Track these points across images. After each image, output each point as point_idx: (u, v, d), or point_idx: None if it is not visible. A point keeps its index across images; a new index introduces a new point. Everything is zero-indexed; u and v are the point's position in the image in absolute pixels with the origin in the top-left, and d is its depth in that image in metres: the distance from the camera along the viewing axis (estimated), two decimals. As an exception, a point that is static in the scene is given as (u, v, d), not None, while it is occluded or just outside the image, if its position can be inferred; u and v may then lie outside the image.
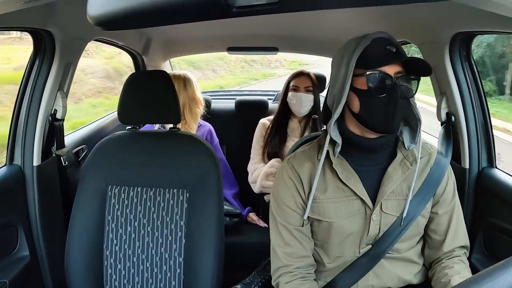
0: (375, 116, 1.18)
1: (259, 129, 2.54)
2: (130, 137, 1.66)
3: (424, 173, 1.30)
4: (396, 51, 1.17)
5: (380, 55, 1.17)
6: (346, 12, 1.90)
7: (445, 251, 1.31)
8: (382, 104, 1.17)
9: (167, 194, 1.56)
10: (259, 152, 2.47)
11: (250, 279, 2.14)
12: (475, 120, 1.70)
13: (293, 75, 2.49)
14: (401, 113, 1.19)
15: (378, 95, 1.16)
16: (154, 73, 1.95)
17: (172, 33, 2.62)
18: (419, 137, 1.27)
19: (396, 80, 1.16)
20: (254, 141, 2.53)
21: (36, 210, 1.71)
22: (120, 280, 1.55)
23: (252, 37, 2.76)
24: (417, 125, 1.26)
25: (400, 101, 1.17)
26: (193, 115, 2.43)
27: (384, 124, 1.18)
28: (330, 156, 1.25)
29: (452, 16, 1.51)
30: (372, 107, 1.18)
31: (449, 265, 1.27)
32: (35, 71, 1.70)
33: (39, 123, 1.71)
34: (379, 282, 1.30)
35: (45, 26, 1.56)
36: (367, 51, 1.18)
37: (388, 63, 1.16)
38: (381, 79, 1.16)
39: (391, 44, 1.18)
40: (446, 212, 1.32)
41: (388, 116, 1.17)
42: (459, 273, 1.23)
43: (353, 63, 1.18)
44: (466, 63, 1.69)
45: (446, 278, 1.22)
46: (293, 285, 1.27)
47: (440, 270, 1.28)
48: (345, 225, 1.25)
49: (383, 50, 1.17)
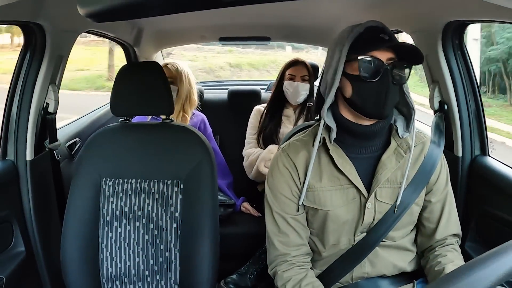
0: (367, 101, 1.19)
1: (254, 115, 2.55)
2: (123, 129, 1.65)
3: (418, 162, 1.31)
4: (389, 39, 1.18)
5: (372, 41, 1.18)
6: (338, 1, 1.89)
7: (438, 239, 1.32)
8: (374, 89, 1.18)
9: (161, 185, 1.56)
10: (254, 137, 2.49)
11: (245, 269, 2.16)
12: (468, 109, 1.70)
13: (289, 63, 2.48)
14: (393, 98, 1.20)
15: (370, 80, 1.17)
16: (146, 64, 1.94)
17: (163, 24, 2.60)
18: (413, 125, 1.27)
19: (387, 66, 1.17)
20: (248, 127, 2.54)
21: (30, 205, 1.71)
22: (116, 273, 1.56)
23: (244, 27, 2.75)
24: (411, 114, 1.27)
25: (392, 86, 1.18)
26: (191, 104, 2.45)
27: (376, 109, 1.19)
28: (327, 142, 1.26)
29: (444, 5, 1.51)
30: (364, 92, 1.19)
31: (442, 253, 1.29)
32: (26, 65, 1.68)
33: (31, 117, 1.69)
34: (374, 270, 1.31)
35: (35, 19, 1.54)
36: (360, 37, 1.20)
37: (380, 48, 1.17)
38: (373, 64, 1.17)
39: (384, 33, 1.20)
40: (439, 200, 1.33)
41: (380, 101, 1.18)
42: (453, 261, 1.25)
43: (346, 48, 1.19)
44: (458, 51, 1.69)
45: (440, 266, 1.24)
46: (291, 273, 1.28)
47: (433, 258, 1.30)
48: (341, 213, 1.26)
49: (376, 37, 1.19)
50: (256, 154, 2.39)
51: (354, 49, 1.19)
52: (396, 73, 1.19)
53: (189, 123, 2.42)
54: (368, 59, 1.17)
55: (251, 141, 2.50)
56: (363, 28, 1.21)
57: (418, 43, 1.77)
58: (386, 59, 1.17)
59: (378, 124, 1.24)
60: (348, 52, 1.19)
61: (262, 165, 2.32)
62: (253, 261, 2.18)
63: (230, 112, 2.94)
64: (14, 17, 1.46)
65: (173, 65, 2.41)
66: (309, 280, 1.26)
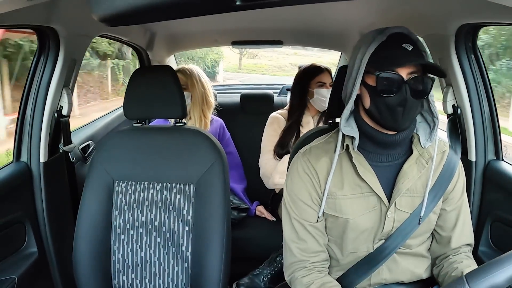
0: (384, 114, 1.18)
1: (271, 124, 2.44)
2: (136, 133, 1.66)
3: (437, 171, 1.29)
4: (412, 50, 1.15)
5: (393, 55, 1.15)
6: (351, 4, 1.89)
7: (453, 247, 1.31)
8: (391, 104, 1.16)
9: (174, 188, 1.56)
10: (269, 147, 2.40)
11: (259, 271, 2.15)
12: (481, 113, 1.68)
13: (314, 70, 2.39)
14: (412, 112, 1.18)
15: (387, 95, 1.15)
16: (159, 68, 1.95)
17: (176, 28, 2.62)
18: (436, 135, 1.26)
19: (407, 81, 1.14)
20: (265, 136, 2.45)
21: (43, 207, 1.72)
22: (128, 275, 1.56)
23: (257, 31, 2.75)
24: (433, 121, 1.25)
25: (411, 100, 1.15)
26: (209, 107, 2.44)
27: (393, 123, 1.17)
28: (350, 150, 1.24)
29: (457, 8, 1.50)
30: (382, 105, 1.17)
31: (457, 260, 1.28)
32: (40, 68, 1.70)
33: (45, 120, 1.71)
34: (392, 276, 1.30)
35: (49, 23, 1.56)
36: (381, 48, 1.16)
37: (400, 65, 1.14)
38: (391, 80, 1.14)
39: (408, 41, 1.16)
40: (454, 209, 1.32)
41: (397, 115, 1.16)
42: (469, 266, 1.23)
43: (365, 60, 1.17)
44: (472, 55, 1.67)
45: (457, 272, 1.22)
46: (312, 277, 1.26)
47: (447, 265, 1.28)
48: (361, 221, 1.25)
49: (398, 48, 1.15)
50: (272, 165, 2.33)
51: (374, 60, 1.16)
52: (416, 86, 1.16)
53: (209, 127, 2.43)
54: (385, 76, 1.14)
55: (267, 151, 2.41)
56: (385, 36, 1.17)
57: (431, 46, 1.76)
58: (407, 73, 1.14)
59: (400, 134, 1.22)
60: (368, 64, 1.17)
61: (278, 178, 2.27)
62: (267, 264, 2.17)
63: (242, 116, 2.94)
64: (28, 21, 1.48)
65: (184, 71, 2.40)
66: (332, 284, 1.25)
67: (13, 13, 1.19)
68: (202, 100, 2.39)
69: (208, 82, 2.48)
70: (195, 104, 2.37)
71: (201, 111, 2.38)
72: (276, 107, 2.80)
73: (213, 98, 2.48)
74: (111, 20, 0.86)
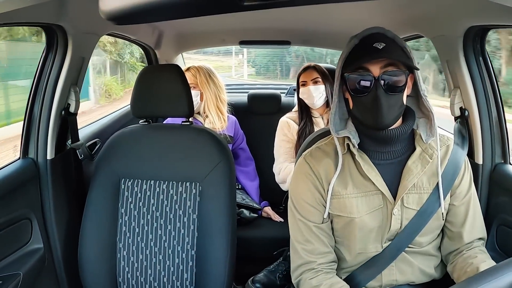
0: (364, 114, 1.21)
1: (281, 129, 2.43)
2: (143, 131, 1.67)
3: (442, 166, 1.29)
4: (384, 47, 1.16)
5: (360, 55, 1.18)
6: (358, 5, 1.88)
7: (465, 242, 1.30)
8: (367, 103, 1.18)
9: (180, 187, 1.57)
10: (282, 152, 2.38)
11: (274, 267, 2.14)
12: (489, 115, 1.67)
13: (300, 71, 2.45)
14: (390, 107, 1.18)
15: (360, 95, 1.18)
16: (167, 66, 1.96)
17: (184, 27, 2.63)
18: (435, 129, 1.26)
19: (378, 78, 1.15)
20: (276, 142, 2.44)
21: (50, 203, 1.73)
22: (133, 273, 1.57)
23: (264, 31, 2.75)
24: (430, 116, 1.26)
25: (385, 96, 1.16)
26: (223, 103, 2.45)
27: (374, 121, 1.19)
28: (351, 148, 1.25)
29: (465, 9, 1.49)
30: (359, 106, 1.21)
31: (471, 255, 1.27)
32: (48, 66, 1.71)
33: (52, 117, 1.72)
34: (403, 277, 1.30)
35: (57, 21, 1.57)
36: (353, 51, 1.21)
37: (365, 62, 1.16)
38: (360, 79, 1.17)
39: (380, 41, 1.18)
40: (462, 203, 1.31)
41: (375, 113, 1.18)
42: (485, 261, 1.23)
43: (340, 64, 1.22)
44: (480, 57, 1.66)
45: (473, 267, 1.21)
46: (318, 280, 1.26)
47: (462, 261, 1.27)
48: (367, 220, 1.25)
49: (368, 48, 1.17)
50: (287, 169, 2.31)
51: (347, 63, 1.20)
52: (388, 82, 1.17)
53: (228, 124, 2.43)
54: (354, 76, 1.18)
55: (279, 156, 2.40)
56: (358, 39, 1.21)
57: (439, 48, 1.75)
58: (380, 69, 1.16)
59: (398, 129, 1.23)
60: (343, 68, 1.21)
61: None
62: (282, 261, 2.16)
63: (250, 116, 2.94)
64: (36, 19, 1.49)
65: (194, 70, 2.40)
66: (341, 284, 1.25)
67: (21, 10, 1.20)
68: (216, 98, 2.40)
69: (220, 79, 2.49)
70: (209, 102, 2.38)
71: (217, 108, 2.39)
72: (283, 107, 2.80)
73: (225, 95, 2.49)
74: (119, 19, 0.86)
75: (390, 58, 1.16)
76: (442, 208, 1.25)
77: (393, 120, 1.21)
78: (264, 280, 2.08)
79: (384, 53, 1.16)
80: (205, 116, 2.40)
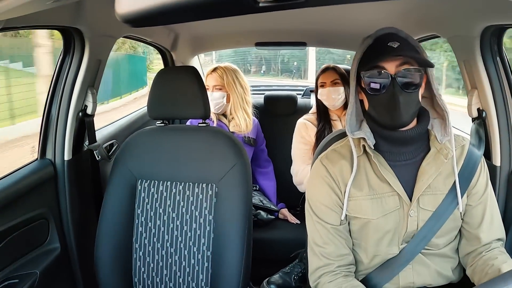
0: (380, 113, 1.21)
1: (298, 130, 2.42)
2: (160, 132, 1.68)
3: (458, 166, 1.28)
4: (399, 46, 1.16)
5: (375, 54, 1.18)
6: (374, 5, 1.87)
7: (483, 243, 1.28)
8: (383, 101, 1.18)
9: (196, 188, 1.58)
10: (299, 154, 2.38)
11: (290, 269, 2.14)
12: (507, 116, 1.64)
13: (319, 72, 2.44)
14: (408, 106, 1.18)
15: (376, 94, 1.18)
16: (183, 68, 1.98)
17: (199, 29, 2.64)
18: (450, 128, 1.25)
19: (394, 76, 1.15)
20: (293, 144, 2.43)
21: (67, 203, 1.76)
22: (149, 273, 1.58)
23: (280, 32, 2.75)
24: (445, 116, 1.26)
25: (402, 94, 1.16)
26: (249, 105, 2.41)
27: (391, 119, 1.19)
28: (367, 148, 1.25)
29: (482, 9, 1.47)
30: (376, 105, 1.21)
31: (491, 256, 1.24)
32: (66, 68, 1.73)
33: (69, 119, 1.75)
34: (420, 279, 1.29)
35: (74, 24, 1.59)
36: (368, 51, 1.21)
37: (381, 60, 1.16)
38: (376, 77, 1.17)
39: (394, 40, 1.18)
40: (479, 204, 1.29)
41: (393, 112, 1.17)
42: (506, 261, 1.20)
43: (356, 64, 1.22)
44: (497, 57, 1.64)
45: (494, 268, 1.19)
46: (337, 283, 1.25)
47: (482, 263, 1.25)
48: (383, 222, 1.24)
49: (383, 47, 1.17)
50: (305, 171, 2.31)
51: (362, 63, 1.20)
52: (404, 79, 1.17)
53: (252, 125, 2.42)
54: (370, 74, 1.18)
55: (297, 158, 2.38)
56: (372, 39, 1.21)
57: (456, 48, 1.73)
58: (395, 67, 1.16)
59: (413, 130, 1.22)
60: (359, 68, 1.21)
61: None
62: (298, 262, 2.16)
63: (266, 117, 2.93)
64: (54, 22, 1.52)
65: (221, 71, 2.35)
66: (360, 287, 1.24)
67: (38, 14, 1.22)
68: (242, 99, 2.36)
69: (245, 80, 2.45)
70: (236, 104, 2.34)
71: (243, 110, 2.36)
72: (299, 108, 2.80)
73: (250, 97, 2.46)
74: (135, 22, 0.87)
75: (406, 56, 1.16)
76: (460, 207, 1.23)
77: (410, 118, 1.21)
78: (279, 282, 2.08)
79: (400, 51, 1.16)
80: (231, 118, 2.36)
